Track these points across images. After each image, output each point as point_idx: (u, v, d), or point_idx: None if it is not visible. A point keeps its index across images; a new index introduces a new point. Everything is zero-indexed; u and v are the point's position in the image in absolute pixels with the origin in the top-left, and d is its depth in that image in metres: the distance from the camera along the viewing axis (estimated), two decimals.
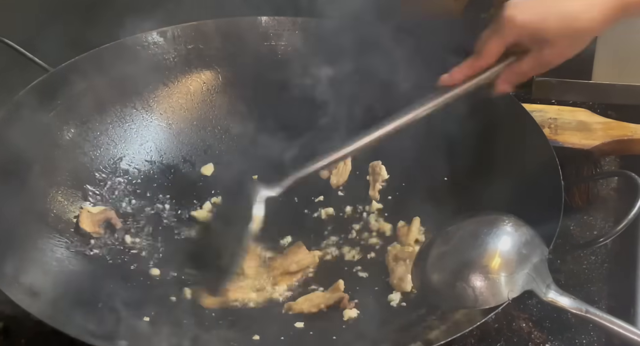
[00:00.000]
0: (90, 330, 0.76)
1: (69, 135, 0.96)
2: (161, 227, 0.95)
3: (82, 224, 0.89)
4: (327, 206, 0.97)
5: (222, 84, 1.06)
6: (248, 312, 0.85)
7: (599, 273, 0.91)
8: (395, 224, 0.94)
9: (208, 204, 0.97)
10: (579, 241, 0.95)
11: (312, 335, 0.83)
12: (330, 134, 1.02)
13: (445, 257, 0.77)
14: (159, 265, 0.89)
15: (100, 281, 0.85)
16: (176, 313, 0.84)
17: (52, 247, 0.86)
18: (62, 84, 0.96)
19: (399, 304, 0.84)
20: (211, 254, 0.89)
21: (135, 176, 0.99)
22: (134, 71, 1.02)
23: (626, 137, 0.93)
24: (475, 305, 0.74)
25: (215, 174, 1.02)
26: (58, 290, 0.81)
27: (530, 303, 0.87)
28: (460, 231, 0.78)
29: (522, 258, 0.75)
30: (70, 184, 0.93)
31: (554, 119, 0.98)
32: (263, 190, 0.86)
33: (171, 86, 1.04)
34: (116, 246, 0.91)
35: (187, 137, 1.04)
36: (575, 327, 0.84)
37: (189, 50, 1.05)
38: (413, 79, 1.01)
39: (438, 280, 0.76)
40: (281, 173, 0.87)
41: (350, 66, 1.04)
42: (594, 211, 0.98)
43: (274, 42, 1.07)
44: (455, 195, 0.93)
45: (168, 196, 0.98)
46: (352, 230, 0.95)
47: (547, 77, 1.12)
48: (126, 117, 1.01)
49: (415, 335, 0.77)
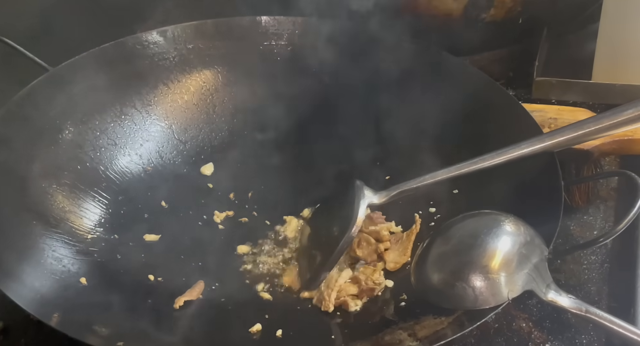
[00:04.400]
0: (91, 330, 0.76)
1: (69, 135, 0.96)
2: (160, 227, 0.95)
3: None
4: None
5: (222, 84, 1.07)
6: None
7: (599, 273, 0.91)
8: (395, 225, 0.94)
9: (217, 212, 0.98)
10: (579, 241, 0.95)
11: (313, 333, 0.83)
12: (330, 134, 1.03)
13: (445, 257, 0.77)
14: (160, 266, 0.90)
15: (101, 281, 0.85)
16: (176, 314, 0.84)
17: (52, 247, 0.85)
18: (62, 84, 0.96)
19: (399, 304, 0.84)
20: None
21: (136, 176, 0.99)
22: (134, 70, 1.02)
23: (626, 137, 0.93)
24: (475, 305, 0.74)
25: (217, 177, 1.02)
26: (58, 290, 0.81)
27: (530, 303, 0.87)
28: (460, 231, 0.78)
29: (522, 258, 0.75)
30: (70, 184, 0.93)
31: (554, 119, 0.98)
32: (368, 195, 0.86)
33: (171, 86, 1.04)
34: (117, 247, 0.91)
35: (187, 137, 1.04)
36: (575, 327, 0.84)
37: (189, 50, 1.05)
38: (413, 79, 1.02)
39: (438, 280, 0.76)
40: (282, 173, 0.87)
41: (350, 66, 1.05)
42: (594, 211, 0.98)
43: (274, 42, 1.08)
44: (455, 195, 0.93)
45: (168, 196, 0.98)
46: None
47: (547, 77, 1.12)
48: (126, 117, 1.01)
49: (415, 334, 0.77)
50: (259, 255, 0.92)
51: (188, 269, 0.89)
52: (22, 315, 0.75)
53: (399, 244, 0.90)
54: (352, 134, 1.03)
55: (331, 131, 1.03)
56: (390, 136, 1.01)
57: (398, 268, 0.89)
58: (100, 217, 0.93)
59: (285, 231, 0.94)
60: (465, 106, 0.97)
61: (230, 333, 0.83)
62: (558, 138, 0.84)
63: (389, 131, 1.01)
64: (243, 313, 0.85)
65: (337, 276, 0.86)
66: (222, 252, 0.92)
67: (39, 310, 0.75)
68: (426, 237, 0.80)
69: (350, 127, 1.03)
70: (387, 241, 0.90)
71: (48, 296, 0.79)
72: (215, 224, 0.96)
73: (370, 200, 0.86)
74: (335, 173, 0.99)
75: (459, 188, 0.93)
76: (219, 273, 0.89)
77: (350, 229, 0.85)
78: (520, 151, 0.85)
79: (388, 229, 0.91)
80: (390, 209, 0.92)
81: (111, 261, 0.89)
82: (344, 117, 1.03)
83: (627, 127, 0.83)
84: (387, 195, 0.87)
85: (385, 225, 0.91)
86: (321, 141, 1.02)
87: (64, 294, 0.80)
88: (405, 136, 1.00)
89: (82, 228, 0.90)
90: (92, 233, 0.91)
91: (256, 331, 0.82)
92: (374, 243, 0.89)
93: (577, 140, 0.85)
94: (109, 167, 0.97)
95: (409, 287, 0.80)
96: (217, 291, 0.87)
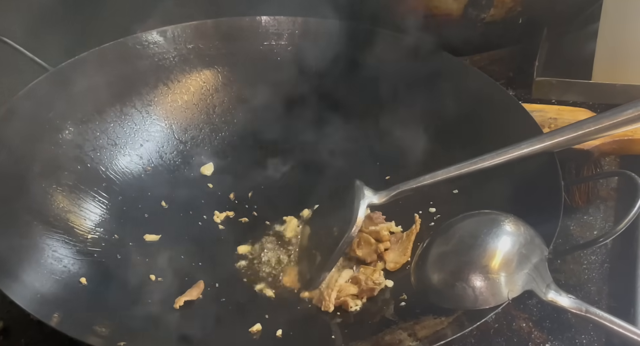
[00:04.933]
0: (91, 330, 0.76)
1: (69, 135, 0.96)
2: (160, 227, 0.95)
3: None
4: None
5: (222, 84, 1.07)
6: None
7: (599, 273, 0.91)
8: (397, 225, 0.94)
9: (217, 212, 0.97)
10: (579, 241, 0.95)
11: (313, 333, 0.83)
12: (330, 134, 1.03)
13: (445, 257, 0.77)
14: (160, 266, 0.89)
15: (101, 281, 0.85)
16: (177, 314, 0.84)
17: (52, 247, 0.85)
18: (62, 84, 0.96)
19: (399, 304, 0.84)
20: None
21: (136, 176, 0.99)
22: (134, 70, 1.02)
23: (626, 137, 0.93)
24: (475, 305, 0.74)
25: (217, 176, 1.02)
26: (58, 290, 0.81)
27: (530, 303, 0.87)
28: (460, 231, 0.77)
29: (522, 258, 0.75)
30: (70, 184, 0.93)
31: (554, 119, 0.98)
32: (368, 195, 0.86)
33: (171, 86, 1.04)
34: (117, 247, 0.91)
35: (187, 137, 1.04)
36: (575, 327, 0.84)
37: (189, 50, 1.05)
38: (413, 79, 1.01)
39: (438, 280, 0.76)
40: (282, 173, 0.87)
41: (350, 66, 1.05)
42: (594, 211, 0.98)
43: (274, 42, 1.08)
44: (455, 195, 0.93)
45: (168, 196, 0.98)
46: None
47: (547, 77, 1.12)
48: (126, 117, 1.01)
49: (415, 334, 0.77)
50: (259, 255, 0.91)
51: (188, 269, 0.89)
52: (22, 315, 0.75)
53: (398, 244, 0.90)
54: (352, 134, 1.03)
55: (331, 130, 1.03)
56: (390, 135, 1.01)
57: (398, 268, 0.89)
58: (101, 217, 0.93)
59: (285, 231, 0.94)
60: (465, 106, 0.97)
61: (230, 333, 0.83)
62: (558, 138, 0.84)
63: (388, 130, 1.01)
64: (243, 313, 0.85)
65: (337, 276, 0.86)
66: (222, 252, 0.92)
67: (39, 310, 0.75)
68: (426, 237, 0.80)
69: (350, 127, 1.03)
70: (387, 241, 0.90)
71: (48, 296, 0.79)
72: (215, 224, 0.96)
73: (370, 200, 0.86)
74: (335, 173, 0.99)
75: (459, 188, 0.93)
76: (219, 273, 0.89)
77: (350, 230, 0.85)
78: (520, 151, 0.85)
79: (388, 229, 0.91)
80: (390, 209, 0.92)
81: (111, 261, 0.89)
82: (344, 117, 1.03)
83: (627, 127, 0.83)
84: (387, 195, 0.87)
85: (385, 225, 0.91)
86: (321, 140, 1.02)
87: (64, 294, 0.80)
88: (405, 136, 1.00)
89: (82, 228, 0.90)
90: (92, 233, 0.91)
91: (256, 331, 0.82)
92: (374, 243, 0.89)
93: (577, 140, 0.85)
94: (109, 167, 0.97)
95: (409, 287, 0.80)
96: (217, 291, 0.87)
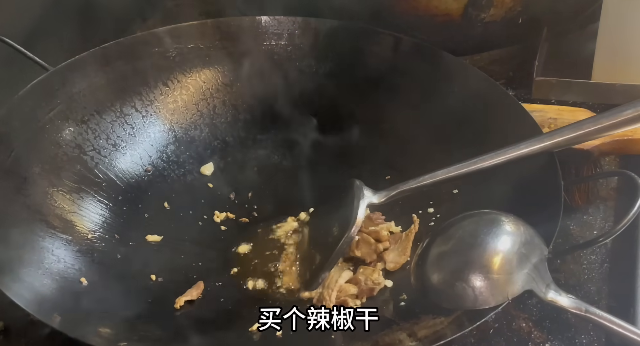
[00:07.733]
0: (91, 330, 0.76)
1: (69, 135, 0.96)
2: (160, 227, 0.95)
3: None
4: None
5: (222, 84, 1.07)
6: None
7: (599, 272, 0.91)
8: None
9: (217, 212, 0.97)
10: (579, 241, 0.95)
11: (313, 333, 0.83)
12: (329, 134, 1.03)
13: (445, 257, 0.77)
14: (160, 266, 0.89)
15: (101, 281, 0.85)
16: (177, 314, 0.84)
17: (52, 247, 0.85)
18: (62, 83, 0.96)
19: (399, 304, 0.84)
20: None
21: (136, 176, 0.99)
22: (134, 70, 1.02)
23: (626, 137, 0.93)
24: (475, 304, 0.74)
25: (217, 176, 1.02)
26: (58, 290, 0.81)
27: (530, 303, 0.87)
28: (460, 231, 0.77)
29: (521, 258, 0.75)
30: (70, 184, 0.93)
31: (554, 119, 0.98)
32: (368, 195, 0.86)
33: (171, 86, 1.04)
34: (117, 247, 0.91)
35: (188, 137, 1.04)
36: (575, 327, 0.84)
37: (189, 50, 1.05)
38: (413, 79, 1.02)
39: (438, 280, 0.76)
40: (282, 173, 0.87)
41: (350, 66, 1.05)
42: (593, 211, 0.98)
43: (274, 42, 1.08)
44: (455, 195, 0.93)
45: (168, 196, 0.98)
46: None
47: (547, 77, 1.12)
48: (126, 117, 1.01)
49: (415, 334, 0.77)
50: (259, 255, 0.92)
51: (188, 269, 0.90)
52: (22, 314, 0.75)
53: (398, 244, 0.90)
54: (351, 134, 1.03)
55: (331, 131, 1.03)
56: (390, 136, 1.01)
57: (397, 268, 0.89)
58: (101, 217, 0.93)
59: (285, 231, 0.94)
60: (465, 106, 0.97)
61: (230, 332, 0.83)
62: (558, 138, 0.84)
63: (388, 131, 1.02)
64: (243, 313, 0.85)
65: (337, 276, 0.86)
66: (222, 252, 0.92)
67: (39, 310, 0.75)
68: (426, 237, 0.80)
69: (350, 127, 1.03)
70: (386, 241, 0.90)
71: (48, 296, 0.79)
72: (216, 224, 0.96)
73: (370, 200, 0.86)
74: (335, 173, 0.99)
75: (458, 188, 0.93)
76: (219, 273, 0.90)
77: (350, 230, 0.85)
78: (520, 151, 0.85)
79: (387, 229, 0.91)
80: (389, 210, 0.92)
81: (111, 261, 0.89)
82: (344, 117, 1.03)
83: (626, 127, 0.83)
84: (387, 195, 0.87)
85: (385, 225, 0.91)
86: (321, 140, 1.02)
87: (63, 294, 0.80)
88: (405, 136, 1.00)
89: (83, 228, 0.90)
90: (92, 233, 0.91)
91: (256, 331, 0.82)
92: (374, 243, 0.89)
93: (577, 140, 0.85)
94: (109, 167, 0.97)
95: (409, 287, 0.80)
96: (217, 291, 0.87)
